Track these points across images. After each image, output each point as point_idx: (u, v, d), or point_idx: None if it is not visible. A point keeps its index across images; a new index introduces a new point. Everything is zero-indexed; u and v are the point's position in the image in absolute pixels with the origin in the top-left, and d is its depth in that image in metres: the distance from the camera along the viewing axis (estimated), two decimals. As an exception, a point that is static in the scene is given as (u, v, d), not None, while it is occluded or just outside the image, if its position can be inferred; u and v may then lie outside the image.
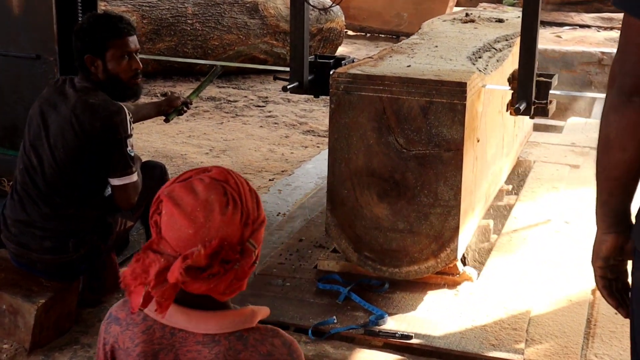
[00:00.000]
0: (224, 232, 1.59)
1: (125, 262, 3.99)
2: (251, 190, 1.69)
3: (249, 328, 1.67)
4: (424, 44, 4.38)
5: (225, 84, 8.65)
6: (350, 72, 3.58)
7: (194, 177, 1.66)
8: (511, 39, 4.75)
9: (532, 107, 3.73)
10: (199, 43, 8.74)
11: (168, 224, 1.62)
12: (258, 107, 7.82)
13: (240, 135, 6.82)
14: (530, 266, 3.96)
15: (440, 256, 3.56)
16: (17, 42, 4.03)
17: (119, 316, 1.76)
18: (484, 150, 3.95)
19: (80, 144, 3.37)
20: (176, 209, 1.61)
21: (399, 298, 3.60)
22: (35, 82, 3.97)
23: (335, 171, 3.63)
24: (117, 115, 3.37)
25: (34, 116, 3.50)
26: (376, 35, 12.32)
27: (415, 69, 3.69)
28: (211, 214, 1.60)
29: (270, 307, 3.37)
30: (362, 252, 3.66)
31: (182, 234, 1.60)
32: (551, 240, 4.28)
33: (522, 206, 4.75)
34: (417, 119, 3.48)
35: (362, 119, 3.54)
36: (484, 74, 3.83)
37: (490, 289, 3.70)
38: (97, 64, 3.43)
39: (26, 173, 3.47)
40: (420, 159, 3.50)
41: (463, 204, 3.53)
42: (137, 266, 1.61)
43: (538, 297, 3.66)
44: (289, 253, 4.03)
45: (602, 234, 1.86)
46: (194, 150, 6.31)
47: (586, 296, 3.68)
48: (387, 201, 3.57)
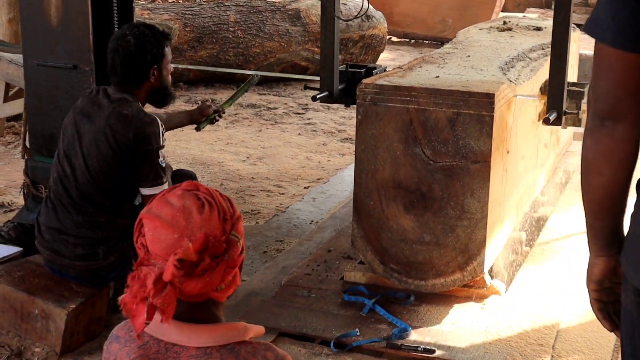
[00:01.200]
0: (206, 228, 1.66)
1: None
2: (222, 194, 1.77)
3: (241, 342, 1.69)
4: (456, 54, 4.34)
5: (267, 91, 8.68)
6: (377, 83, 3.55)
7: (165, 194, 1.73)
8: (547, 47, 4.67)
9: (562, 117, 3.70)
10: (241, 50, 8.79)
11: (153, 237, 1.67)
12: (297, 114, 7.84)
13: (277, 142, 6.84)
14: (561, 279, 3.89)
15: (467, 269, 3.52)
16: (55, 53, 4.15)
17: (119, 335, 1.80)
18: (515, 162, 3.89)
19: (114, 154, 3.44)
20: (158, 221, 1.67)
21: (424, 311, 3.56)
22: (71, 91, 4.08)
23: (361, 182, 3.61)
24: (150, 126, 3.44)
25: (68, 126, 3.57)
26: (420, 42, 12.23)
27: (443, 79, 3.65)
28: (190, 216, 1.66)
29: (294, 318, 3.43)
30: (388, 264, 3.63)
31: (168, 241, 1.65)
32: (584, 252, 4.18)
33: (557, 218, 4.67)
34: (444, 130, 3.44)
35: (389, 130, 3.51)
36: (515, 84, 3.78)
37: (518, 302, 3.65)
38: (156, 74, 3.54)
39: (59, 182, 3.54)
40: (447, 170, 3.46)
41: (490, 217, 3.49)
42: (134, 284, 1.63)
43: (567, 311, 3.59)
44: (316, 264, 4.02)
45: (593, 257, 1.88)
46: (231, 158, 6.36)
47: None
48: (414, 213, 3.54)
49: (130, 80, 3.53)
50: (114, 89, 3.54)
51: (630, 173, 1.76)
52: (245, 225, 4.65)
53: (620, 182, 1.76)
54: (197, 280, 1.63)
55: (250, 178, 5.83)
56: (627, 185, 1.78)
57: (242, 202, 5.32)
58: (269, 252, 4.48)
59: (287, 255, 4.24)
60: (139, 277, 1.62)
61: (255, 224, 4.93)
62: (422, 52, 11.29)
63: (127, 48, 3.49)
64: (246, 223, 4.90)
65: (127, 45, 3.49)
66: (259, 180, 5.80)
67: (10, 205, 5.15)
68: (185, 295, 1.65)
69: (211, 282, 1.65)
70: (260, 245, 4.59)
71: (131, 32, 3.52)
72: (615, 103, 1.70)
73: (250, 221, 4.98)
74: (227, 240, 1.68)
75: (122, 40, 3.52)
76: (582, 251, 4.21)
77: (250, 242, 4.58)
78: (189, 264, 1.61)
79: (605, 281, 1.87)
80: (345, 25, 9.00)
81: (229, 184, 5.68)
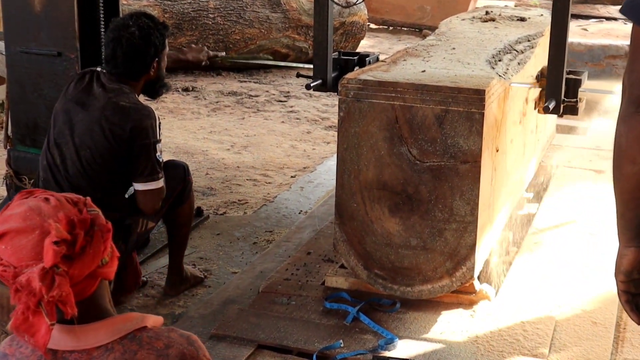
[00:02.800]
0: (62, 211, 1.59)
1: (145, 261, 4.03)
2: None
3: (141, 328, 1.64)
4: (441, 46, 4.14)
5: (247, 78, 8.60)
6: (360, 78, 3.35)
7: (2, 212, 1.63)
8: (533, 39, 4.50)
9: (561, 105, 3.62)
10: (221, 37, 8.68)
11: (13, 249, 1.56)
12: (280, 102, 7.76)
13: (261, 131, 6.76)
14: (552, 281, 3.72)
15: (456, 275, 3.34)
16: (39, 39, 4.03)
17: (6, 352, 1.69)
18: (504, 160, 3.71)
19: (109, 146, 3.32)
20: (9, 234, 1.57)
21: (411, 319, 3.38)
22: (56, 79, 3.99)
23: (344, 183, 3.41)
24: (148, 119, 3.34)
25: (59, 113, 3.43)
26: (399, 29, 12.19)
27: (430, 74, 3.46)
28: (40, 210, 1.58)
29: (273, 329, 3.22)
30: (372, 269, 3.44)
31: (31, 242, 1.56)
32: (574, 253, 4.03)
33: (544, 216, 4.51)
34: (431, 128, 3.25)
35: (373, 128, 3.32)
36: (504, 79, 3.59)
37: (509, 308, 3.48)
38: (155, 66, 3.47)
39: (49, 170, 3.41)
40: (434, 171, 3.27)
41: (480, 219, 3.30)
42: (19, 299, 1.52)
43: (560, 316, 3.43)
44: (295, 268, 3.82)
45: (623, 247, 1.81)
46: (216, 147, 6.24)
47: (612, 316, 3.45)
48: (399, 216, 3.35)
49: (131, 72, 3.42)
50: (109, 78, 3.40)
51: None
52: (233, 215, 4.77)
53: None
54: (81, 259, 1.57)
55: (236, 167, 5.75)
56: None
57: (229, 191, 5.22)
58: (259, 243, 4.39)
59: (265, 258, 4.03)
60: (21, 288, 1.51)
61: (243, 214, 4.83)
62: (401, 39, 11.23)
63: (131, 40, 3.37)
64: (234, 213, 4.83)
65: (130, 36, 3.37)
66: (244, 169, 5.71)
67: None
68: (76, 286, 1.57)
69: (95, 255, 1.60)
70: (250, 236, 4.49)
71: (135, 23, 3.40)
72: None
73: (238, 211, 4.88)
74: (89, 214, 1.64)
75: (126, 31, 3.39)
76: (571, 251, 4.05)
77: (239, 233, 4.50)
78: (67, 244, 1.54)
79: (634, 272, 1.80)
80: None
81: (215, 174, 5.58)
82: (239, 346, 3.16)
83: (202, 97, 7.74)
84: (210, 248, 4.30)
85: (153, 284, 3.85)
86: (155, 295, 3.77)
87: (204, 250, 4.27)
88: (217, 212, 4.82)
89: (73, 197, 1.67)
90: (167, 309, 3.64)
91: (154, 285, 3.84)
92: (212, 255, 4.21)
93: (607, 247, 4.05)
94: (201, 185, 5.24)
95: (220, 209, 4.87)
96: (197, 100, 7.67)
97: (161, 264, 4.00)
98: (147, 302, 3.71)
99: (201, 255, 4.19)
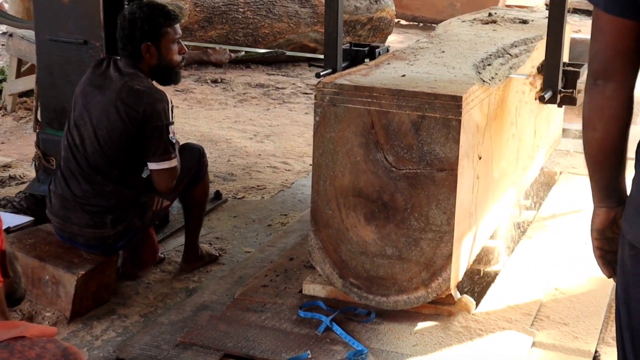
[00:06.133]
0: None
1: (164, 240, 4.28)
2: None
3: (18, 337, 1.60)
4: (431, 49, 4.04)
5: (275, 71, 8.79)
6: (336, 82, 3.27)
7: None
8: (531, 42, 4.37)
9: (558, 95, 3.68)
10: (250, 31, 8.82)
11: None
12: (305, 94, 7.92)
13: (285, 121, 6.95)
14: (537, 295, 3.61)
15: (432, 286, 3.25)
16: (66, 28, 4.30)
17: None
18: (489, 168, 3.61)
19: (124, 126, 3.52)
20: None
21: (386, 330, 3.28)
22: (82, 66, 4.19)
23: (319, 189, 3.33)
24: (160, 102, 3.54)
25: (78, 97, 3.67)
26: (429, 25, 12.18)
27: (409, 79, 3.36)
28: None
29: (242, 337, 3.14)
30: (348, 278, 3.36)
31: None
32: (567, 265, 3.91)
33: (540, 224, 4.39)
34: (407, 135, 3.16)
35: (349, 133, 3.23)
36: (489, 84, 3.48)
37: (489, 321, 3.37)
38: (152, 51, 3.61)
39: (69, 150, 3.64)
40: (410, 178, 3.18)
41: (457, 229, 3.21)
42: None
43: (541, 330, 3.32)
44: (275, 274, 3.74)
45: (595, 207, 2.03)
46: (239, 135, 6.45)
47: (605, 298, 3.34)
48: (375, 224, 3.27)
49: (129, 55, 3.63)
50: (125, 63, 3.64)
51: (621, 130, 1.90)
52: (251, 199, 4.98)
53: (612, 136, 1.90)
54: None
55: (257, 155, 5.95)
56: (620, 141, 1.91)
57: (249, 177, 5.45)
58: (273, 225, 4.61)
59: (246, 264, 3.96)
60: None
61: (260, 199, 5.06)
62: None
63: (123, 23, 3.64)
64: (252, 198, 5.07)
65: (122, 21, 3.64)
66: (265, 157, 5.91)
67: (22, 178, 5.28)
68: None
69: None
70: (265, 218, 4.71)
71: (129, 10, 3.66)
72: (606, 64, 1.87)
73: (256, 196, 5.11)
74: None
75: (121, 16, 3.67)
76: (563, 265, 3.93)
77: (255, 216, 4.73)
78: None
79: (606, 231, 2.01)
80: (354, 8, 9.13)
81: (236, 160, 5.80)
82: (205, 355, 3.09)
83: (230, 89, 8.00)
84: (227, 229, 4.53)
85: (170, 261, 4.08)
86: (172, 271, 3.99)
87: (221, 231, 4.50)
88: (236, 196, 5.06)
89: None
90: (182, 284, 3.87)
91: (170, 262, 4.07)
92: (227, 236, 4.44)
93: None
94: (222, 171, 5.50)
95: (239, 194, 5.11)
96: (225, 91, 7.93)
97: (179, 243, 4.22)
98: (164, 277, 3.93)
99: (217, 235, 4.43)
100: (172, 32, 3.66)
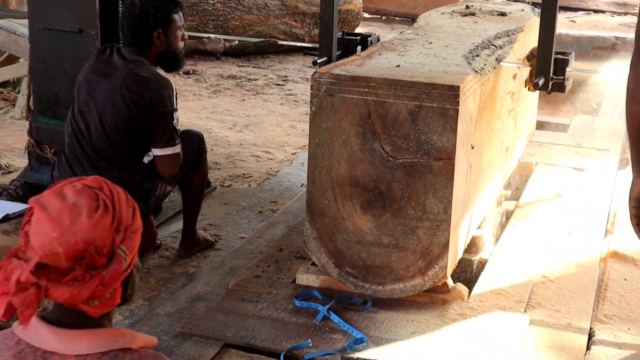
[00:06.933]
0: (90, 235, 1.52)
1: (159, 227, 4.32)
2: (128, 199, 1.61)
3: (126, 349, 1.55)
4: (418, 40, 4.07)
5: (245, 63, 8.89)
6: (333, 73, 3.28)
7: (66, 185, 1.57)
8: (513, 34, 4.42)
9: (550, 82, 3.81)
10: (220, 23, 8.88)
11: (35, 230, 1.52)
12: (278, 85, 8.06)
13: (262, 111, 7.08)
14: (527, 281, 3.66)
15: (428, 274, 3.28)
16: (61, 17, 4.32)
17: None
18: (480, 157, 3.65)
19: (129, 112, 3.58)
20: (43, 214, 1.52)
21: (382, 318, 3.31)
22: (77, 55, 4.26)
23: (315, 179, 3.34)
24: (166, 89, 3.61)
25: (82, 84, 3.71)
26: (392, 18, 12.30)
27: (404, 69, 3.39)
28: (78, 218, 1.52)
29: (241, 327, 3.14)
30: (344, 267, 3.37)
31: (46, 238, 1.51)
32: (552, 252, 3.97)
33: (521, 213, 4.45)
34: (405, 124, 3.18)
35: (345, 123, 3.25)
36: (481, 75, 3.52)
37: (483, 308, 3.41)
38: (161, 38, 3.69)
39: (74, 136, 3.68)
40: (407, 168, 3.20)
41: (454, 218, 3.24)
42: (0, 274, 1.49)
43: (535, 314, 3.37)
44: (266, 264, 3.74)
45: (634, 177, 2.11)
46: (218, 125, 6.58)
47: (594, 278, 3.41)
48: (371, 213, 3.28)
49: (137, 43, 3.68)
50: (129, 50, 3.69)
51: None
52: (238, 187, 5.06)
53: None
54: (65, 288, 1.51)
55: (239, 144, 6.08)
56: None
57: (234, 166, 5.59)
58: (264, 212, 4.76)
59: (236, 255, 3.96)
60: (6, 269, 1.48)
61: (248, 187, 5.20)
62: (394, 28, 11.37)
63: (133, 11, 3.67)
64: (239, 186, 5.21)
65: (132, 9, 3.68)
66: (247, 146, 6.04)
67: (8, 168, 5.32)
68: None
69: (79, 295, 1.52)
70: (255, 205, 4.86)
71: None
72: None
73: (243, 184, 5.26)
74: (111, 254, 1.55)
75: (130, 5, 3.71)
76: (548, 252, 3.99)
77: (245, 203, 4.89)
78: (58, 271, 1.49)
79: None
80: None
81: (219, 150, 5.89)
82: (205, 345, 3.08)
83: (203, 80, 8.07)
84: (219, 216, 4.65)
85: (167, 247, 4.18)
86: (170, 256, 4.08)
87: (213, 217, 4.61)
88: (223, 184, 5.18)
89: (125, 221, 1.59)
90: (181, 269, 3.95)
91: (167, 248, 4.16)
92: (220, 222, 4.56)
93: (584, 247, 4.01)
94: (207, 160, 5.64)
95: (226, 182, 5.24)
96: (198, 82, 7.99)
97: (173, 229, 4.34)
98: (163, 262, 4.01)
99: (211, 222, 4.54)
100: (179, 19, 3.76)
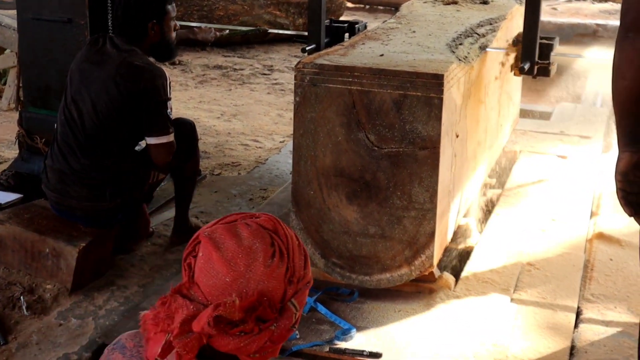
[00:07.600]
0: (265, 285, 1.43)
1: (150, 215, 4.25)
2: (300, 245, 1.50)
3: None
4: (401, 29, 4.06)
5: (230, 53, 8.88)
6: (316, 62, 3.26)
7: (239, 221, 1.47)
8: (495, 22, 4.42)
9: (535, 66, 3.87)
10: (205, 13, 8.87)
11: (204, 268, 1.43)
12: (264, 75, 8.07)
13: (249, 101, 7.09)
14: (514, 267, 3.67)
15: (415, 263, 3.27)
16: (50, 7, 4.26)
17: (126, 345, 1.57)
18: (464, 146, 3.65)
19: (123, 101, 3.57)
20: (215, 253, 1.43)
21: (370, 309, 3.30)
22: (66, 45, 4.21)
23: (300, 170, 3.33)
24: (160, 78, 3.61)
25: (75, 73, 3.70)
26: (375, 7, 12.31)
27: (388, 58, 3.37)
28: (254, 263, 1.43)
29: (228, 320, 3.13)
30: (330, 258, 3.36)
31: (217, 281, 1.42)
32: (537, 240, 3.98)
33: (506, 201, 4.45)
34: (389, 113, 3.17)
35: (330, 113, 3.23)
36: (465, 63, 3.52)
37: (470, 297, 3.41)
38: (156, 29, 3.70)
39: (67, 124, 3.66)
40: (392, 157, 3.19)
41: (439, 207, 3.24)
42: (162, 310, 1.43)
43: (521, 300, 3.38)
44: (252, 256, 3.73)
45: (620, 152, 2.16)
46: (206, 115, 6.56)
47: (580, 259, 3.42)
48: (357, 203, 3.27)
49: (131, 33, 3.68)
50: (122, 40, 3.67)
51: None
52: (228, 175, 5.07)
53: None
54: (230, 339, 1.41)
55: (227, 133, 6.08)
56: None
57: (223, 155, 5.58)
58: (255, 199, 4.76)
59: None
60: (170, 306, 1.41)
61: (238, 175, 5.21)
62: (377, 17, 11.30)
63: (128, 3, 3.67)
64: (229, 174, 5.20)
65: (126, 0, 3.67)
66: (235, 135, 6.04)
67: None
68: None
69: (245, 348, 1.42)
70: (246, 193, 4.86)
71: None
72: (637, 17, 2.02)
73: (233, 172, 5.26)
74: (282, 308, 1.45)
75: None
76: (533, 240, 3.99)
77: (236, 191, 4.89)
78: (228, 321, 1.40)
79: (629, 174, 2.14)
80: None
81: (208, 139, 5.85)
82: (192, 338, 3.07)
83: (189, 70, 8.06)
84: (210, 203, 4.63)
85: (159, 234, 4.16)
86: (163, 243, 4.07)
87: (204, 205, 4.58)
88: (213, 172, 5.18)
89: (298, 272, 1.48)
90: (174, 256, 3.92)
91: (160, 236, 4.15)
92: (212, 210, 4.53)
93: (567, 234, 4.02)
94: (195, 149, 5.69)
95: (215, 170, 5.23)
96: (184, 73, 7.97)
97: (165, 217, 4.32)
98: (156, 249, 4.01)
99: (202, 210, 4.51)
100: (172, 9, 3.77)
